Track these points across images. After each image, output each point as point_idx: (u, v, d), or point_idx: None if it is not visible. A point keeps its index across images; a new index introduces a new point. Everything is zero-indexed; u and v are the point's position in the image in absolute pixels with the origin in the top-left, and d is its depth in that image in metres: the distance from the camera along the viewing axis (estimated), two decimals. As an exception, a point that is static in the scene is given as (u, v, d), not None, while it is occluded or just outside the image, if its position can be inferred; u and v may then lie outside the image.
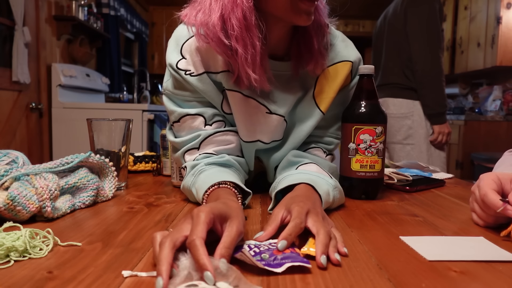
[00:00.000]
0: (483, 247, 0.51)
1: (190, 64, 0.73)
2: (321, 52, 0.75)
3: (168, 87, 0.77)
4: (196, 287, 0.37)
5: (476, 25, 3.66)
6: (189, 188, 0.72)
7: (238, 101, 0.74)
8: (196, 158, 0.75)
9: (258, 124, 0.76)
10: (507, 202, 0.54)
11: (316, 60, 0.74)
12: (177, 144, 0.79)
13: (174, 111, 0.76)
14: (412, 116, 1.93)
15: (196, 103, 0.76)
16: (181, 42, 0.75)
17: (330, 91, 0.77)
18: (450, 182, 1.02)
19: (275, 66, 0.74)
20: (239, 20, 0.64)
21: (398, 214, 0.68)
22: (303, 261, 0.43)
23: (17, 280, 0.39)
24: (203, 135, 0.75)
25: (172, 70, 0.75)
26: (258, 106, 0.75)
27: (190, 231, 0.42)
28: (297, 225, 0.48)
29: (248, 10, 0.64)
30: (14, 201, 0.56)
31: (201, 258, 0.38)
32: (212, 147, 0.76)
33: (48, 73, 2.81)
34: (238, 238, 0.45)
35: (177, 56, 0.74)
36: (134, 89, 4.41)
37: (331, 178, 0.72)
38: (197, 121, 0.76)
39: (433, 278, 0.41)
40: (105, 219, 0.62)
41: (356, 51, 0.81)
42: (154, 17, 5.28)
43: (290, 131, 0.80)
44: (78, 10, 3.08)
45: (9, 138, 2.47)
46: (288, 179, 0.69)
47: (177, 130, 0.78)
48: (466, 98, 4.29)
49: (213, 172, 0.70)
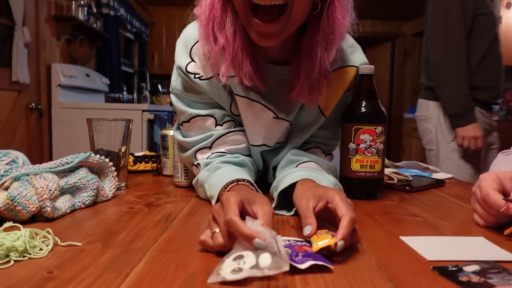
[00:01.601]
0: (483, 247, 0.51)
1: (199, 68, 0.73)
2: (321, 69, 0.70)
3: (177, 87, 0.77)
4: (243, 258, 0.40)
5: (476, 25, 3.65)
6: (202, 183, 0.72)
7: (246, 106, 0.74)
8: (209, 157, 0.76)
9: (264, 129, 0.77)
10: (510, 201, 0.54)
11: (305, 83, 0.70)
12: (187, 144, 0.79)
13: (184, 111, 0.77)
14: (431, 118, 1.71)
15: (206, 104, 0.77)
16: (191, 44, 0.74)
17: (335, 97, 0.78)
18: (450, 182, 1.02)
19: (278, 70, 0.74)
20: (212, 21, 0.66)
21: (398, 214, 0.68)
22: (325, 261, 0.43)
23: (17, 280, 0.39)
24: (215, 135, 0.76)
25: (181, 73, 0.75)
26: (265, 111, 0.75)
27: (224, 214, 0.45)
28: (353, 220, 0.48)
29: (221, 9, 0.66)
30: (14, 201, 0.56)
31: (244, 229, 0.41)
32: (224, 146, 0.77)
33: (48, 73, 2.81)
34: (272, 217, 0.48)
35: (187, 58, 0.74)
36: (134, 89, 4.41)
37: (331, 176, 0.72)
38: (208, 121, 0.76)
39: (433, 278, 0.41)
40: (105, 219, 0.62)
41: (363, 57, 0.80)
42: (154, 17, 5.28)
43: (292, 133, 0.81)
44: (78, 10, 3.08)
45: (9, 138, 2.47)
46: (289, 177, 0.69)
47: (186, 129, 0.79)
48: (466, 98, 4.28)
49: (230, 170, 0.70)
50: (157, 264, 0.44)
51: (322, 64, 0.69)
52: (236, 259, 0.40)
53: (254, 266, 0.39)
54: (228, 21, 0.66)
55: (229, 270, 0.39)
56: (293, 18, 0.63)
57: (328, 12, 0.65)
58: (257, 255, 0.40)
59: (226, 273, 0.39)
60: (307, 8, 0.64)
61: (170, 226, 0.59)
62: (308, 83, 0.70)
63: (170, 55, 5.26)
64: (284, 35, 0.64)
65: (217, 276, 0.39)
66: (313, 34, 0.67)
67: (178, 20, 5.21)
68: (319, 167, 0.75)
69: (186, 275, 0.41)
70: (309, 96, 0.71)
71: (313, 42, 0.67)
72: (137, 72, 4.44)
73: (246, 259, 0.40)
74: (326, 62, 0.69)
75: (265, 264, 0.39)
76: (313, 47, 0.67)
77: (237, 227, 0.42)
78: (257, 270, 0.38)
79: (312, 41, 0.67)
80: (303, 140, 0.81)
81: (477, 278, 0.41)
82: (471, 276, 0.41)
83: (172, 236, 0.54)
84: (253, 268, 0.39)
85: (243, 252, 0.41)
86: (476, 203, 0.62)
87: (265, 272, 0.38)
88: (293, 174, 0.69)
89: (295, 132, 0.80)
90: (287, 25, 0.63)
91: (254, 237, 0.41)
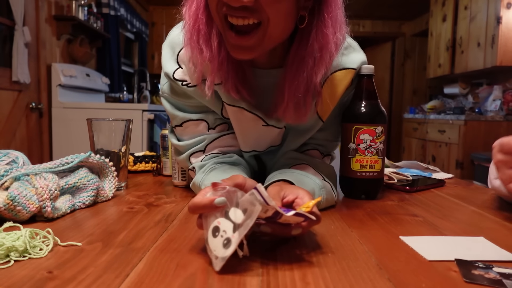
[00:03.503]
0: (483, 247, 0.51)
1: (186, 74, 0.72)
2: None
3: (167, 91, 0.76)
4: (219, 228, 0.41)
5: (476, 25, 3.66)
6: (199, 185, 0.73)
7: (235, 114, 0.73)
8: (203, 159, 0.76)
9: (254, 136, 0.76)
10: None
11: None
12: (181, 148, 0.79)
13: (175, 115, 0.76)
14: None
15: (197, 108, 0.76)
16: (177, 49, 0.73)
17: (332, 101, 0.75)
18: (450, 182, 1.02)
19: (266, 74, 0.71)
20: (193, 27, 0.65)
21: (398, 214, 0.68)
22: (307, 215, 0.45)
23: (17, 280, 0.39)
24: (208, 139, 0.76)
25: (169, 79, 0.74)
26: (255, 119, 0.73)
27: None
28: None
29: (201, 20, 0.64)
30: (14, 201, 0.56)
31: (202, 200, 0.43)
32: (218, 149, 0.77)
33: (48, 73, 2.81)
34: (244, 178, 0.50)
35: (174, 65, 0.73)
36: (134, 89, 4.41)
37: (322, 179, 0.72)
38: (200, 126, 0.76)
39: (433, 278, 0.41)
40: (105, 219, 0.62)
41: (361, 55, 0.77)
42: (154, 17, 5.28)
43: (288, 136, 0.80)
44: (78, 10, 3.08)
45: (9, 138, 2.47)
46: (275, 177, 0.68)
47: (179, 133, 0.79)
48: (466, 98, 4.29)
49: (225, 170, 0.71)
50: (157, 264, 0.44)
51: (309, 82, 0.65)
52: (215, 233, 0.42)
53: (235, 228, 0.40)
54: (213, 33, 0.64)
55: (220, 247, 0.40)
56: (269, 34, 0.60)
57: (316, 27, 0.62)
58: (227, 216, 0.42)
59: (221, 253, 0.40)
60: (288, 24, 0.61)
61: (170, 226, 0.59)
62: (293, 102, 0.67)
63: (170, 55, 5.25)
64: (260, 49, 0.62)
65: (217, 260, 0.40)
66: (300, 49, 0.64)
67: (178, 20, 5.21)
68: (312, 170, 0.73)
69: (186, 275, 0.41)
70: (294, 116, 0.69)
71: (298, 57, 0.64)
72: (137, 72, 4.44)
73: (222, 226, 0.42)
74: (314, 80, 0.65)
75: (240, 219, 0.40)
76: (298, 64, 0.64)
77: (195, 204, 0.44)
78: (240, 229, 0.40)
79: (298, 56, 0.64)
80: (301, 143, 0.80)
81: (493, 275, 0.41)
82: (491, 274, 0.41)
83: (172, 236, 0.54)
84: (235, 230, 0.40)
85: (214, 222, 0.42)
86: (498, 153, 0.59)
87: (248, 224, 0.40)
88: (277, 176, 0.68)
89: (291, 135, 0.79)
90: (263, 41, 0.60)
91: (211, 199, 0.42)
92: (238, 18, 0.58)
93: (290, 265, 0.44)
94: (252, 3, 0.55)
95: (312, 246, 0.51)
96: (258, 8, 0.57)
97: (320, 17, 0.62)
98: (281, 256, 0.47)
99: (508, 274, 0.42)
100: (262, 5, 0.56)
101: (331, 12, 0.62)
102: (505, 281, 0.40)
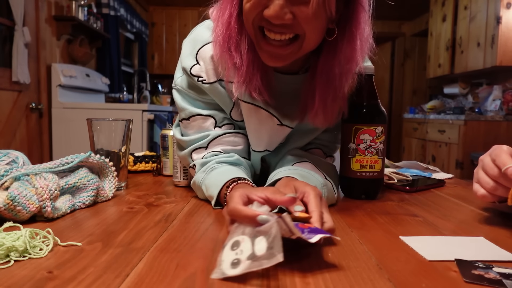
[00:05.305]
0: (483, 247, 0.51)
1: (203, 71, 0.74)
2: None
3: (181, 84, 0.77)
4: (239, 244, 0.42)
5: (476, 25, 3.66)
6: (199, 184, 0.73)
7: (250, 112, 0.74)
8: (204, 156, 0.76)
9: (268, 135, 0.77)
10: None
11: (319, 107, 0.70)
12: (184, 143, 0.79)
13: (185, 108, 0.77)
14: None
15: (208, 104, 0.77)
16: (198, 46, 0.75)
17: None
18: (450, 182, 1.02)
19: (286, 79, 0.74)
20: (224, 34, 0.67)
21: (398, 214, 0.68)
22: (328, 233, 0.45)
23: (17, 280, 0.39)
24: (212, 135, 0.76)
25: (186, 74, 0.76)
26: (270, 118, 0.75)
27: (227, 206, 0.48)
28: (320, 218, 0.49)
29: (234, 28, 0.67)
30: (14, 201, 0.56)
31: (246, 211, 0.44)
32: (220, 146, 0.77)
33: (48, 73, 2.81)
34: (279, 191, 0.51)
35: (192, 60, 0.75)
36: (134, 89, 4.41)
37: (324, 177, 0.72)
38: (207, 122, 0.77)
39: (433, 278, 0.41)
40: (105, 219, 0.62)
41: (369, 65, 0.79)
42: (154, 17, 5.28)
43: (293, 135, 0.81)
44: (78, 10, 3.08)
45: (9, 138, 2.47)
46: (278, 174, 0.70)
47: (185, 127, 0.79)
48: (466, 98, 4.29)
49: (226, 170, 0.71)
50: (157, 264, 0.44)
51: (338, 91, 0.69)
52: (234, 247, 0.42)
53: (251, 256, 0.40)
54: (243, 39, 0.67)
55: (228, 263, 0.40)
56: (304, 47, 0.64)
57: (345, 40, 0.65)
58: (252, 240, 0.42)
59: (226, 268, 0.40)
60: (320, 37, 0.64)
61: (170, 226, 0.59)
62: (322, 108, 0.70)
63: (170, 55, 5.27)
64: (292, 59, 0.65)
65: (219, 270, 0.40)
66: (328, 60, 0.67)
67: (178, 20, 5.21)
68: (314, 168, 0.74)
69: (186, 275, 0.41)
70: (324, 120, 0.73)
71: (327, 67, 0.68)
72: (137, 72, 4.44)
73: (242, 246, 0.41)
74: (343, 89, 0.70)
75: (261, 252, 0.40)
76: (328, 74, 0.68)
77: (239, 211, 0.45)
78: (254, 262, 0.40)
79: (327, 66, 0.68)
80: (305, 143, 0.82)
81: (493, 275, 0.41)
82: (490, 274, 0.41)
83: (172, 236, 0.54)
84: (249, 258, 0.40)
85: (239, 237, 0.42)
86: (481, 170, 0.61)
87: (263, 264, 0.39)
88: (282, 172, 0.70)
89: (297, 134, 0.80)
90: (298, 52, 0.64)
91: (256, 214, 0.43)
92: (276, 34, 0.62)
93: (290, 265, 0.44)
94: (291, 20, 0.59)
95: (312, 246, 0.50)
96: (296, 24, 0.60)
97: (348, 31, 0.65)
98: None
99: (508, 274, 0.42)
100: (300, 23, 0.60)
101: (359, 27, 0.65)
102: (505, 281, 0.40)
